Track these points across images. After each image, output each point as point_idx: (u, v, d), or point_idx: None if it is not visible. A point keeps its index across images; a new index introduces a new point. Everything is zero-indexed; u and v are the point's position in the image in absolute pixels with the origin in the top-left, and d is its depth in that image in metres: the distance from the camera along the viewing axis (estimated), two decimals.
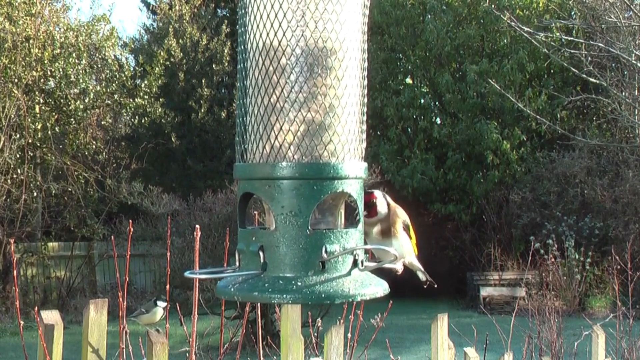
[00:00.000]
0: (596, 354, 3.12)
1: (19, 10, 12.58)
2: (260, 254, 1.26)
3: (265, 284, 1.25)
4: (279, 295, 1.24)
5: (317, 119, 1.28)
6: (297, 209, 1.25)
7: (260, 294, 1.24)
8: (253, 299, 1.29)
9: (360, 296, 1.27)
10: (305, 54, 1.28)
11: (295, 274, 1.25)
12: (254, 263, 1.27)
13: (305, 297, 1.24)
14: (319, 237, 1.26)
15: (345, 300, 1.26)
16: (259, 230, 1.32)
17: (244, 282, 1.27)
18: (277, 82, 1.28)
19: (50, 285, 13.63)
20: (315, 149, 1.27)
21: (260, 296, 1.25)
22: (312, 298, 1.24)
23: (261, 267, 1.26)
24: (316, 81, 1.28)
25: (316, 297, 1.24)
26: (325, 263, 1.25)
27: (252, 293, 1.26)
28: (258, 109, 1.30)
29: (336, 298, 1.24)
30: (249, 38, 1.32)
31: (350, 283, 1.26)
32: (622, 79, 12.89)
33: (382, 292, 1.30)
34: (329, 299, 1.24)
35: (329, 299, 1.25)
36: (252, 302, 2.46)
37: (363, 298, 1.28)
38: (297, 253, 1.25)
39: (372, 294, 1.28)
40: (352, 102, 1.31)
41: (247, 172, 1.32)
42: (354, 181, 1.31)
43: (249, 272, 1.27)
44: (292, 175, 1.26)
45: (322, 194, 1.27)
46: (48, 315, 1.89)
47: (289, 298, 1.23)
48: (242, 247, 1.31)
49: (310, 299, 1.24)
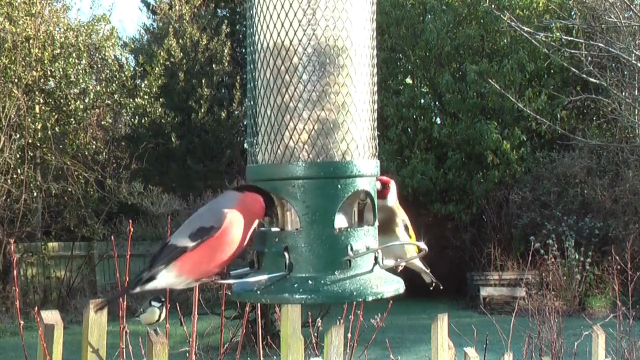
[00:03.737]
0: (596, 354, 3.12)
1: (19, 10, 12.58)
2: (285, 254, 1.25)
3: (294, 284, 1.23)
4: (309, 295, 1.22)
5: (331, 118, 1.28)
6: (322, 208, 1.25)
7: (291, 295, 1.23)
8: (282, 300, 1.27)
9: (387, 292, 1.26)
10: (317, 53, 1.27)
11: (323, 273, 1.24)
12: (277, 264, 1.26)
13: (335, 295, 1.23)
14: (344, 235, 1.26)
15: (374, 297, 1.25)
16: (282, 231, 1.30)
17: (271, 284, 1.25)
18: (289, 82, 1.27)
19: (50, 285, 13.62)
20: (330, 147, 1.27)
21: (290, 297, 1.23)
22: (343, 296, 1.23)
23: (287, 268, 1.24)
24: (328, 80, 1.28)
25: (347, 295, 1.23)
26: (351, 261, 1.25)
27: (281, 295, 1.24)
28: (271, 109, 1.29)
29: (366, 295, 1.24)
30: (258, 38, 1.31)
31: (376, 280, 1.26)
32: (622, 79, 12.88)
33: (402, 289, 1.30)
34: (360, 296, 1.24)
35: (360, 297, 1.24)
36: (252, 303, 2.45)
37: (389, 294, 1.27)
38: (325, 252, 1.24)
39: (395, 290, 1.28)
40: (363, 99, 1.31)
41: (264, 173, 1.30)
42: (369, 179, 1.31)
43: (274, 274, 1.25)
44: (317, 174, 1.25)
45: (346, 192, 1.27)
46: (48, 315, 1.89)
47: (320, 297, 1.22)
48: (264, 249, 1.29)
49: (341, 297, 1.23)
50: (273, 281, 1.25)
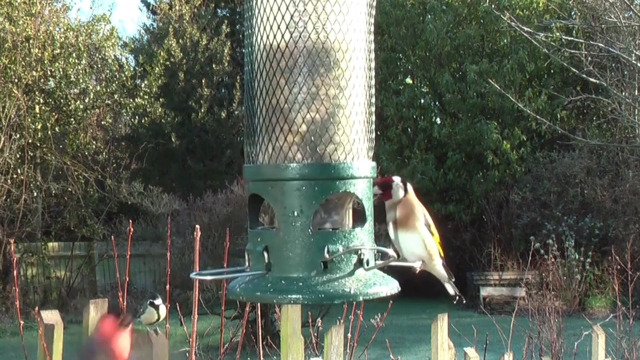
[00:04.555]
0: (596, 354, 3.12)
1: (19, 10, 12.58)
2: (264, 254, 1.26)
3: (268, 284, 1.25)
4: (280, 295, 1.24)
5: (323, 119, 1.28)
6: (298, 209, 1.25)
7: (263, 294, 1.25)
8: (256, 298, 1.30)
9: (363, 296, 1.26)
10: (311, 55, 1.27)
11: (298, 274, 1.25)
12: (260, 263, 1.28)
13: (305, 297, 1.23)
14: (321, 237, 1.26)
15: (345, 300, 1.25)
16: (264, 231, 1.32)
17: (249, 282, 1.28)
18: (283, 83, 1.28)
19: (50, 285, 13.61)
20: (320, 149, 1.27)
21: (262, 296, 1.25)
22: (313, 298, 1.24)
23: (266, 268, 1.26)
24: (322, 81, 1.28)
25: (316, 297, 1.24)
26: (328, 263, 1.25)
27: (255, 293, 1.26)
28: (266, 110, 1.30)
29: (336, 298, 1.24)
30: (256, 39, 1.31)
31: (353, 283, 1.26)
32: (622, 79, 12.88)
33: (386, 292, 1.28)
34: (329, 299, 1.24)
35: (329, 300, 1.24)
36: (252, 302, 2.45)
37: (365, 298, 1.27)
38: (300, 253, 1.25)
39: (374, 293, 1.27)
40: (358, 102, 1.31)
41: (254, 173, 1.32)
42: (360, 181, 1.30)
43: (255, 272, 1.28)
44: (294, 176, 1.26)
45: (323, 194, 1.26)
46: (48, 315, 1.89)
47: (290, 299, 1.24)
48: (251, 248, 1.31)
49: (311, 299, 1.24)
50: (252, 279, 1.27)
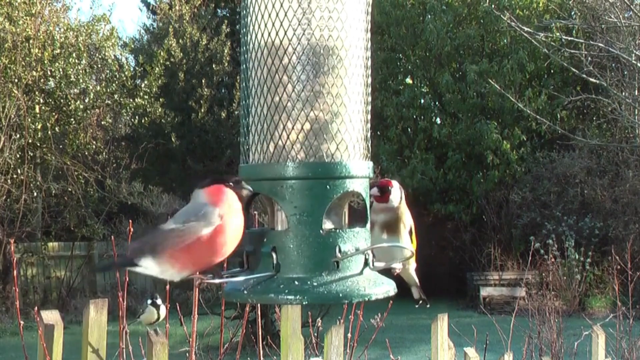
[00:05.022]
0: (596, 354, 3.12)
1: (19, 10, 12.58)
2: (272, 255, 1.25)
3: (280, 285, 1.23)
4: (295, 296, 1.22)
5: (323, 118, 1.27)
6: (309, 209, 1.24)
7: (276, 296, 1.23)
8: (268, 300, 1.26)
9: (375, 295, 1.26)
10: (310, 53, 1.27)
11: (310, 274, 1.24)
12: (265, 265, 1.26)
13: (321, 297, 1.22)
14: (332, 237, 1.25)
15: (361, 299, 1.25)
16: (271, 231, 1.30)
17: (257, 284, 1.25)
18: (281, 81, 1.27)
19: (50, 285, 13.62)
20: (321, 148, 1.27)
21: (276, 298, 1.23)
22: (329, 298, 1.23)
23: (274, 269, 1.25)
24: (321, 80, 1.27)
25: (333, 296, 1.23)
26: (340, 263, 1.25)
27: (267, 295, 1.24)
28: (262, 108, 1.29)
29: (353, 297, 1.24)
30: (251, 38, 1.31)
31: (364, 282, 1.26)
32: (622, 79, 12.88)
33: (393, 291, 1.29)
34: (346, 298, 1.23)
35: (346, 299, 1.23)
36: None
37: (377, 297, 1.26)
38: (311, 253, 1.24)
39: (385, 292, 1.27)
40: (356, 100, 1.31)
41: (255, 172, 1.31)
42: (361, 180, 1.30)
43: (261, 274, 1.25)
44: (305, 175, 1.25)
45: (334, 193, 1.26)
46: (48, 315, 1.89)
47: (306, 298, 1.22)
48: (251, 249, 1.29)
49: (327, 298, 1.23)
50: (260, 281, 1.25)
